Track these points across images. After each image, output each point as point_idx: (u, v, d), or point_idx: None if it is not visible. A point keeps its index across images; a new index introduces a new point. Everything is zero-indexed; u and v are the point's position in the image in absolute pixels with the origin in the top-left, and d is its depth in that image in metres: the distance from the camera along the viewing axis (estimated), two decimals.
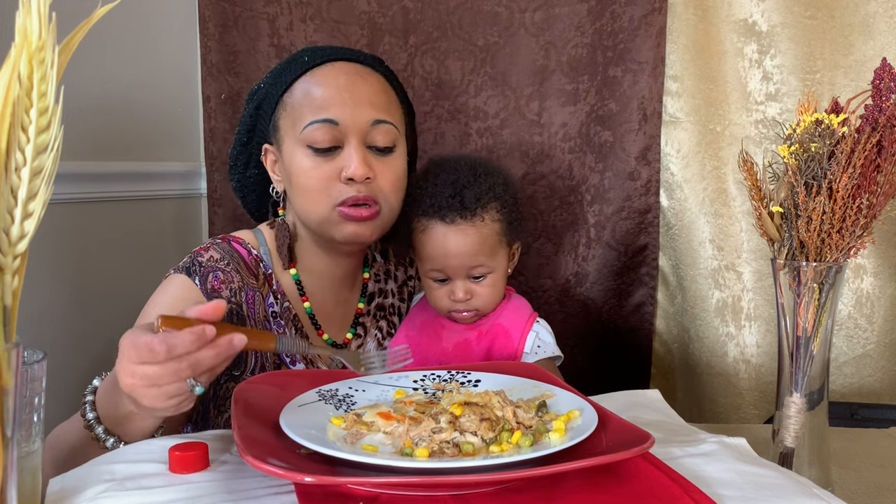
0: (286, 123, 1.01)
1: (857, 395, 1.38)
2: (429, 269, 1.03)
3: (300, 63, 1.03)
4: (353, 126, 0.98)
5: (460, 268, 1.01)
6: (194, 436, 0.75)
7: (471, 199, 1.00)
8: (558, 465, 0.58)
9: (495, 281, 1.03)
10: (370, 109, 0.99)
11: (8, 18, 0.50)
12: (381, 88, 1.03)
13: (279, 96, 1.02)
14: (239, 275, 1.02)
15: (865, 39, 1.35)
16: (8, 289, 0.50)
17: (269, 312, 1.03)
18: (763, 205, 0.83)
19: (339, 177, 0.98)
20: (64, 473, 0.68)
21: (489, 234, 1.01)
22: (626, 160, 1.45)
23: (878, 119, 0.79)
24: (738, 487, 0.63)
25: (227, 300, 0.99)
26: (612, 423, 0.68)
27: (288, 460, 0.60)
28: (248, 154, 1.09)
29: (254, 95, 1.07)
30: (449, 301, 1.03)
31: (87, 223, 1.30)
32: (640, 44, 1.42)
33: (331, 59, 1.02)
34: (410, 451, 0.63)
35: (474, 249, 1.00)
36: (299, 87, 1.01)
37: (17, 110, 0.49)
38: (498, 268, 1.03)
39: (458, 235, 1.00)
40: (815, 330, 0.81)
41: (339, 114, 0.98)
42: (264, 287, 1.04)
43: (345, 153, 0.98)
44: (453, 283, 1.02)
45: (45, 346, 0.58)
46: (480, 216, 1.01)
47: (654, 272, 1.48)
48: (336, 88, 0.99)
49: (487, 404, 0.68)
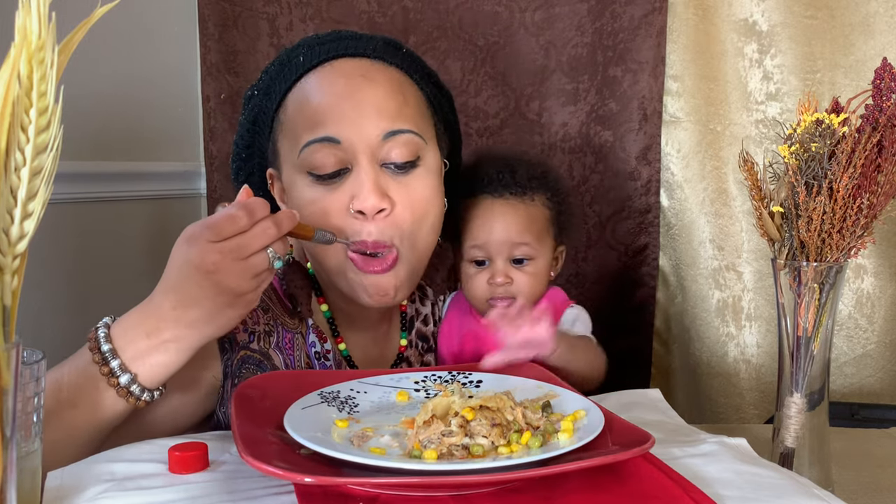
0: (284, 146, 0.84)
1: (857, 395, 1.38)
2: (470, 246, 0.96)
3: (295, 66, 0.84)
4: (360, 142, 0.79)
5: (504, 244, 0.94)
6: (194, 436, 0.75)
7: (522, 176, 0.95)
8: (560, 465, 0.57)
9: (538, 270, 0.96)
10: (379, 119, 0.80)
11: (8, 18, 0.50)
12: (395, 88, 0.83)
13: (274, 112, 0.85)
14: (268, 314, 0.83)
15: (866, 39, 1.35)
16: (8, 289, 0.50)
17: (311, 354, 0.87)
18: (763, 205, 0.83)
19: (348, 209, 0.80)
20: (63, 469, 0.68)
21: (538, 215, 0.96)
22: (626, 160, 1.45)
23: (879, 119, 0.79)
24: (737, 487, 0.63)
25: (243, 346, 0.81)
26: (613, 423, 0.67)
27: (288, 461, 0.59)
28: (249, 171, 0.93)
29: (248, 103, 0.90)
30: (487, 287, 0.96)
31: (87, 223, 1.30)
32: (640, 43, 1.41)
33: (329, 58, 0.83)
34: (419, 454, 0.62)
35: (520, 225, 0.94)
36: (293, 97, 0.83)
37: (17, 110, 0.49)
38: (542, 256, 0.96)
39: (505, 208, 0.94)
40: (816, 330, 0.81)
41: (340, 129, 0.79)
42: (302, 324, 0.87)
43: (353, 178, 0.80)
44: (494, 264, 0.95)
45: (45, 346, 0.58)
46: (531, 196, 0.95)
47: (654, 272, 1.48)
48: (335, 97, 0.80)
49: (500, 409, 0.67)
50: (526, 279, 0.96)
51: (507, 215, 0.95)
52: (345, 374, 0.84)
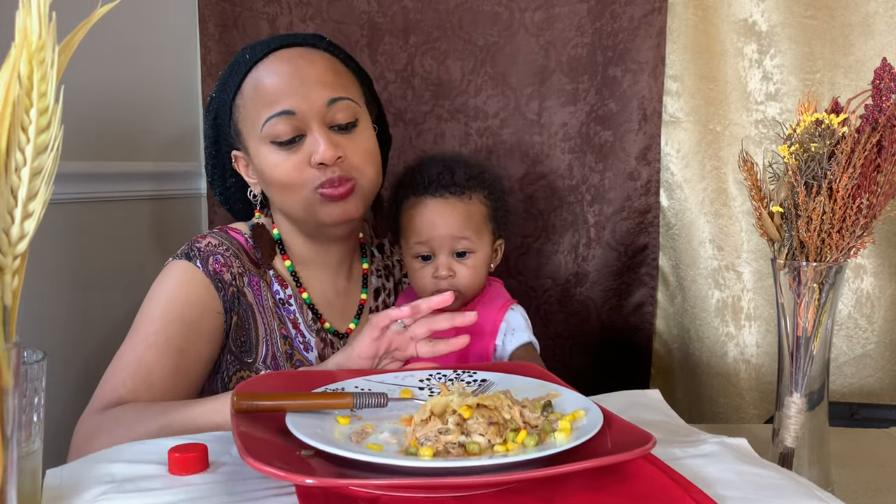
0: (245, 126, 1.01)
1: (857, 395, 1.38)
2: (414, 243, 1.04)
3: (243, 63, 1.02)
4: (311, 110, 0.97)
5: (446, 239, 1.02)
6: (194, 437, 0.75)
7: (461, 177, 1.03)
8: (560, 466, 0.57)
9: (477, 263, 1.04)
10: (322, 90, 0.98)
11: (8, 18, 0.50)
12: (328, 66, 1.01)
13: (231, 101, 1.02)
14: (238, 260, 1.03)
15: (865, 39, 1.35)
16: (8, 289, 0.50)
17: (276, 299, 1.05)
18: (763, 205, 0.83)
19: (309, 164, 0.97)
20: (62, 467, 0.68)
21: (476, 212, 1.04)
22: (626, 160, 1.45)
23: (878, 119, 0.79)
24: (738, 488, 0.63)
25: (229, 283, 1.01)
26: (614, 423, 0.68)
27: (289, 462, 0.59)
28: (222, 165, 1.09)
29: (210, 107, 1.07)
30: (432, 280, 1.04)
31: (87, 223, 1.30)
32: (640, 44, 1.42)
33: (270, 51, 1.01)
34: (415, 451, 0.63)
35: (461, 222, 1.02)
36: (248, 85, 1.00)
37: (17, 110, 0.49)
38: (481, 249, 1.04)
39: (446, 207, 1.02)
40: (815, 330, 0.81)
41: (293, 102, 0.97)
42: (266, 275, 1.06)
43: (309, 140, 0.97)
44: (437, 259, 1.03)
45: (45, 346, 0.58)
46: (468, 195, 1.03)
47: (654, 272, 1.48)
48: (283, 77, 0.98)
49: (498, 407, 0.68)
50: (467, 271, 1.04)
51: (448, 213, 1.02)
52: (350, 372, 0.85)
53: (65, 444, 0.92)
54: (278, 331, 1.04)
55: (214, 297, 1.00)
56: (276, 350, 1.03)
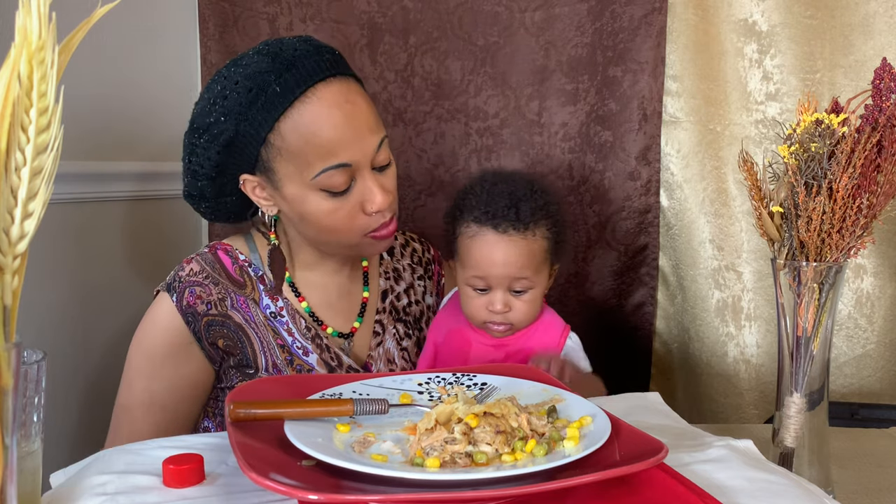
0: (285, 167, 0.95)
1: (857, 395, 1.38)
2: (471, 275, 1.02)
3: (274, 97, 0.92)
4: (364, 160, 0.96)
5: (504, 278, 1.00)
6: (189, 447, 0.73)
7: (526, 212, 1.00)
8: (573, 478, 0.56)
9: (535, 297, 1.03)
10: (371, 136, 0.96)
11: (8, 18, 0.50)
12: (366, 102, 0.98)
13: (263, 136, 0.94)
14: (218, 286, 1.02)
15: (865, 39, 1.35)
16: (8, 289, 0.50)
17: (267, 314, 1.04)
18: (763, 205, 0.83)
19: (361, 210, 0.97)
20: (54, 474, 0.67)
21: (538, 249, 1.01)
22: (626, 160, 1.45)
23: (878, 119, 0.79)
24: (750, 495, 0.62)
25: (202, 315, 1.00)
26: (623, 430, 0.66)
27: (290, 474, 0.58)
28: (220, 186, 1.01)
29: (209, 129, 0.96)
30: (486, 312, 1.02)
31: (87, 223, 1.30)
32: (640, 44, 1.42)
33: (308, 84, 0.93)
34: (421, 461, 0.61)
35: (522, 262, 1.00)
36: (288, 128, 0.93)
37: (17, 110, 0.49)
38: (539, 285, 1.03)
39: (508, 246, 0.99)
40: (815, 330, 0.81)
41: (350, 156, 0.94)
42: (255, 291, 1.04)
43: (360, 186, 0.96)
44: (493, 293, 1.02)
45: (45, 346, 0.58)
46: (532, 231, 1.00)
47: (654, 272, 1.48)
48: (338, 130, 0.93)
49: (505, 415, 0.66)
50: (524, 305, 1.03)
51: (510, 252, 0.99)
52: (347, 377, 0.84)
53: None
54: (274, 341, 1.03)
55: (185, 330, 1.01)
56: (276, 359, 1.03)
